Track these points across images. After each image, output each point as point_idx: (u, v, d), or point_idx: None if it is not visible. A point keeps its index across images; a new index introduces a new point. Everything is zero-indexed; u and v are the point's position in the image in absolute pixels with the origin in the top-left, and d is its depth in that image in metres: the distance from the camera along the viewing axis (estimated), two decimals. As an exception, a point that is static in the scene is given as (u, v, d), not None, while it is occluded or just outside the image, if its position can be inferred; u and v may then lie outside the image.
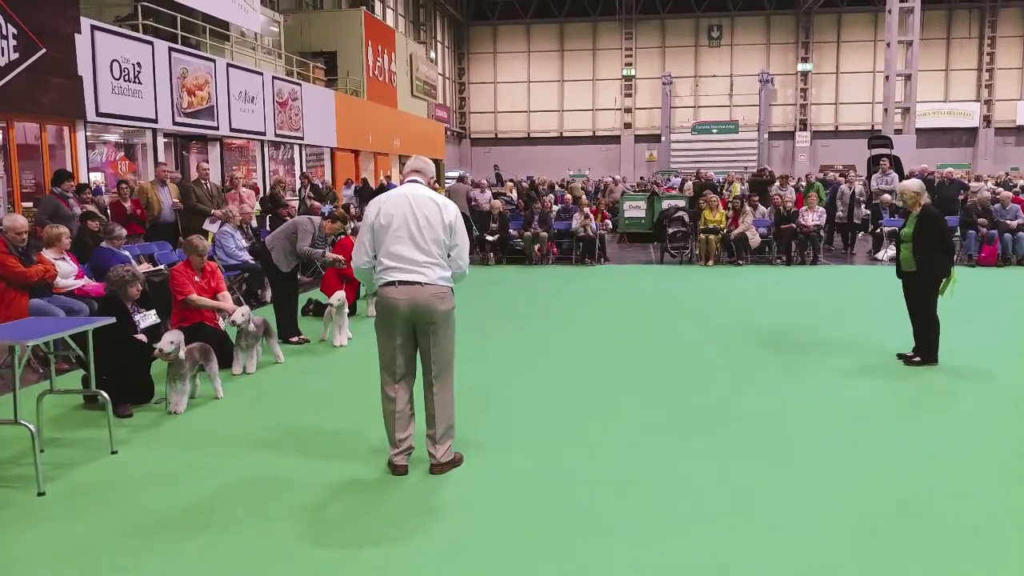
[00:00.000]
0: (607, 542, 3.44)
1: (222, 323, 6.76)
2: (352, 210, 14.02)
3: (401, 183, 4.39)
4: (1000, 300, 9.89)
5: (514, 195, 18.94)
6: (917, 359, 6.46)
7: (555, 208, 15.17)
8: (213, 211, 10.48)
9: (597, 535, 3.51)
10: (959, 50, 42.45)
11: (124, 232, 8.07)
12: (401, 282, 4.02)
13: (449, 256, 4.13)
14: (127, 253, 8.07)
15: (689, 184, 21.00)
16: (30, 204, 10.21)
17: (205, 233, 10.26)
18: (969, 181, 19.79)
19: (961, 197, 14.90)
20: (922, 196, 6.51)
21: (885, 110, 28.12)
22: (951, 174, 16.25)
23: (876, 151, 16.67)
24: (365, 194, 17.02)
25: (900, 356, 6.59)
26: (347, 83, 22.31)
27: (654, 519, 3.66)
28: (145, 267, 8.26)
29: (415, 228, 4.04)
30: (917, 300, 6.44)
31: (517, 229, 14.26)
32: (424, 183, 4.26)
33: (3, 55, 9.47)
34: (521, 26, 44.98)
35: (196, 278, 6.53)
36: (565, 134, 45.29)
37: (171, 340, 5.25)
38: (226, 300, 6.70)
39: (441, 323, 4.09)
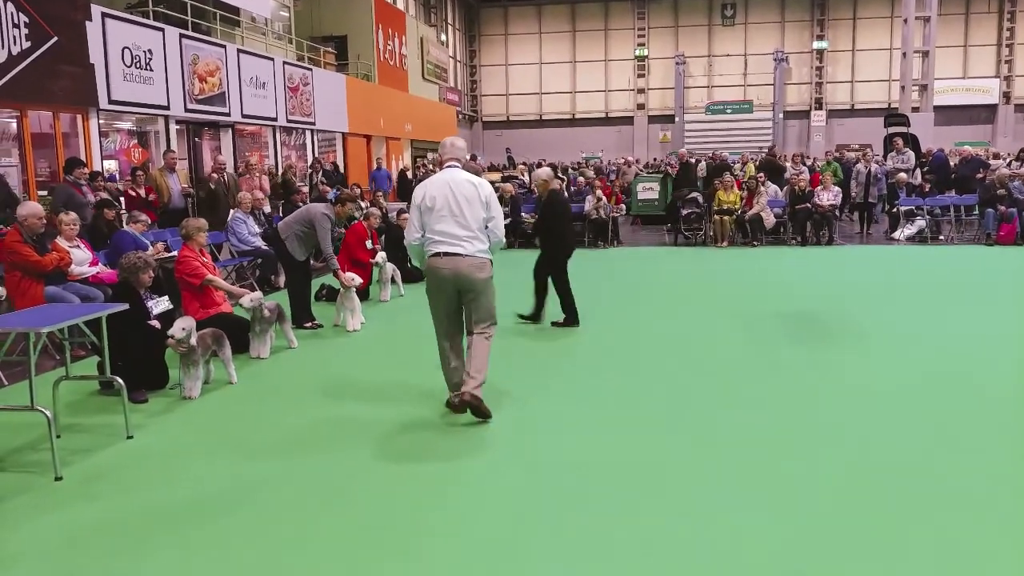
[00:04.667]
0: (608, 519, 3.45)
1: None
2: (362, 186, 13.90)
3: (440, 168, 4.99)
4: (1016, 279, 9.76)
5: (526, 178, 18.85)
6: (561, 322, 7.31)
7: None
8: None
9: (597, 516, 3.53)
10: (978, 25, 41.70)
11: (147, 218, 8.15)
12: (446, 253, 4.69)
13: (487, 227, 4.76)
14: (146, 240, 8.12)
15: (703, 164, 20.87)
16: (45, 192, 10.28)
17: None
18: (988, 159, 19.51)
19: (980, 176, 14.70)
20: (551, 182, 7.43)
21: (902, 88, 27.73)
22: (968, 152, 16.02)
23: (892, 129, 16.49)
24: (332, 179, 16.68)
25: (553, 323, 7.32)
26: (358, 67, 22.27)
27: (655, 505, 3.67)
28: (159, 249, 8.28)
29: (456, 208, 4.70)
30: (553, 276, 7.26)
31: (529, 212, 14.20)
32: (460, 167, 4.89)
33: (15, 44, 9.50)
34: (532, 7, 44.63)
35: (205, 259, 6.58)
36: (577, 116, 45.01)
37: (183, 327, 5.28)
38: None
39: (481, 288, 4.77)
